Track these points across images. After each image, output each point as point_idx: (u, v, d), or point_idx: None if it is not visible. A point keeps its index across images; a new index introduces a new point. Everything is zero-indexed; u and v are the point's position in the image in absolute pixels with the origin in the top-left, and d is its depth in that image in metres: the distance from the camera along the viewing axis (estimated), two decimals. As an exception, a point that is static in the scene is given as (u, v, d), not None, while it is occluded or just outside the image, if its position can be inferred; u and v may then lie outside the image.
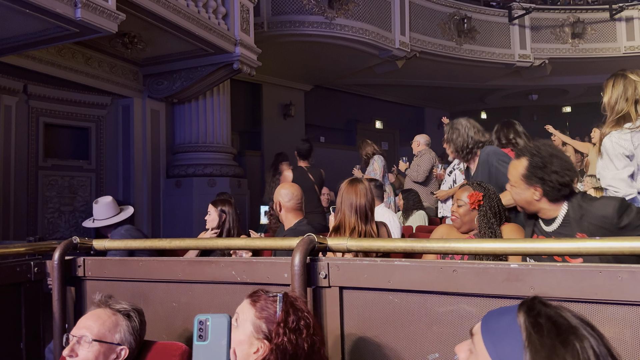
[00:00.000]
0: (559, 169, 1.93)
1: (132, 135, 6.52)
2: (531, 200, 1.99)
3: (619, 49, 10.42)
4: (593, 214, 1.89)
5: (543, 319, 0.83)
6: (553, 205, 1.98)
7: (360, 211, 2.50)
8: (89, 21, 4.12)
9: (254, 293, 1.35)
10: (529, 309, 0.86)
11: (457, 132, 3.08)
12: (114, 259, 2.09)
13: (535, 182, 1.96)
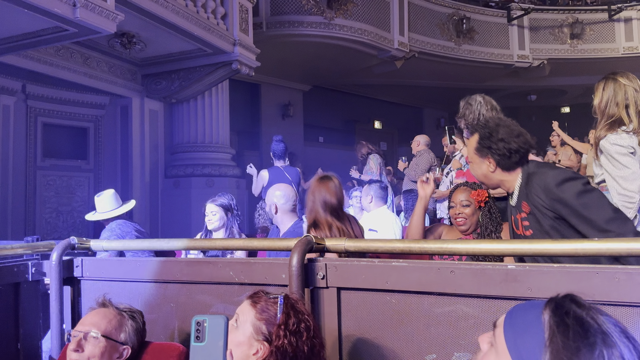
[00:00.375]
0: (505, 136, 1.96)
1: (130, 135, 6.51)
2: (487, 172, 2.02)
3: (618, 49, 10.43)
4: (535, 181, 1.91)
5: (570, 319, 0.79)
6: (509, 174, 1.99)
7: (332, 208, 2.51)
8: (88, 21, 4.11)
9: (254, 294, 1.34)
10: (556, 307, 0.82)
11: (470, 107, 3.12)
12: (112, 259, 2.08)
13: (486, 153, 2.00)
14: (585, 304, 0.83)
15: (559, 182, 1.86)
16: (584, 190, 1.85)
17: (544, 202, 1.89)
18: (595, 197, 1.87)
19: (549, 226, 1.91)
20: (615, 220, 1.79)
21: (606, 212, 1.81)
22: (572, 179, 1.89)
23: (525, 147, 1.98)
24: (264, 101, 9.71)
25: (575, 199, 1.84)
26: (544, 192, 1.88)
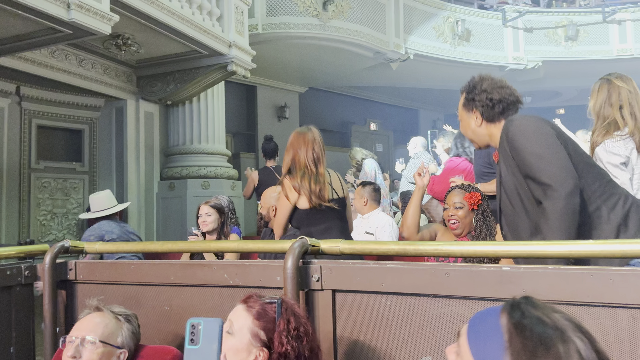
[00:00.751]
0: (487, 87, 1.98)
1: (125, 137, 6.49)
2: (475, 128, 2.03)
3: (612, 51, 10.49)
4: (505, 127, 1.91)
5: (527, 319, 0.80)
6: (495, 127, 1.99)
7: (309, 157, 2.61)
8: (82, 23, 4.09)
9: (248, 298, 1.33)
10: (512, 309, 0.83)
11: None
12: (105, 262, 2.07)
13: (471, 105, 2.03)
14: (540, 303, 0.85)
15: (523, 123, 1.84)
16: (542, 132, 1.79)
17: (505, 147, 1.86)
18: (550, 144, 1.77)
19: (512, 185, 1.87)
20: (557, 176, 1.71)
21: (551, 166, 1.74)
22: (540, 121, 1.85)
23: (510, 99, 1.99)
24: (260, 103, 9.70)
25: (524, 137, 1.79)
26: (505, 134, 1.87)
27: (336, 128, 11.58)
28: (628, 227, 1.75)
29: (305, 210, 2.63)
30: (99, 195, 3.42)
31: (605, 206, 1.77)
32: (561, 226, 1.68)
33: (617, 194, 1.81)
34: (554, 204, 1.69)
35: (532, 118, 1.88)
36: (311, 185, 2.59)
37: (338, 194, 2.68)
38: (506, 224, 1.97)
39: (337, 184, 2.71)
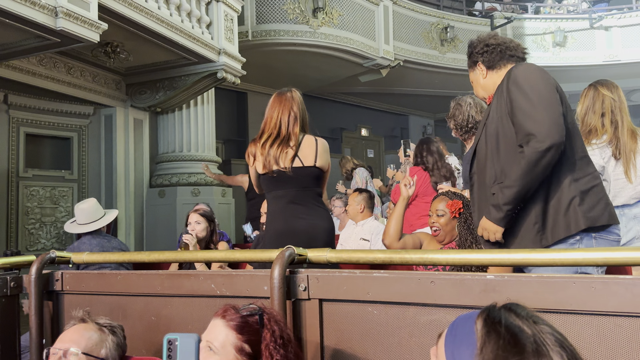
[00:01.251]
0: (484, 39, 2.04)
1: (114, 144, 6.46)
2: (482, 81, 2.07)
3: (599, 57, 10.61)
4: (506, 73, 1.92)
5: (502, 327, 0.78)
6: (497, 75, 2.01)
7: (284, 119, 2.45)
8: (70, 31, 4.08)
9: (224, 312, 1.30)
10: (488, 315, 0.81)
11: (460, 108, 3.18)
12: (92, 272, 2.06)
13: (474, 59, 2.07)
14: (523, 312, 0.82)
15: (530, 68, 1.85)
16: (545, 81, 1.80)
17: (503, 89, 1.87)
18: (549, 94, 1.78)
19: (494, 130, 1.88)
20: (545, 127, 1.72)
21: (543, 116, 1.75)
22: (545, 72, 1.86)
23: (507, 45, 2.02)
24: (251, 109, 9.70)
25: (527, 80, 1.80)
26: (508, 75, 1.87)
27: (327, 134, 11.60)
28: (583, 202, 1.78)
29: (261, 175, 2.49)
30: (84, 206, 3.28)
31: (571, 175, 1.80)
32: (528, 175, 1.74)
33: (587, 171, 1.85)
34: (534, 152, 1.73)
35: (538, 67, 1.88)
36: (269, 149, 2.42)
37: (303, 162, 2.43)
38: (476, 167, 2.00)
39: (307, 150, 2.45)
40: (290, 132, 2.44)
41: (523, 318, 0.80)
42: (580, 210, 1.76)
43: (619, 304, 1.16)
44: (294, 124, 2.46)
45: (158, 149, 6.87)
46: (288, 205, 2.45)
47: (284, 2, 7.63)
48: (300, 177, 2.44)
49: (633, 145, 2.53)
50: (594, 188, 1.83)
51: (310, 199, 2.47)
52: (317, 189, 2.52)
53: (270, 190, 2.51)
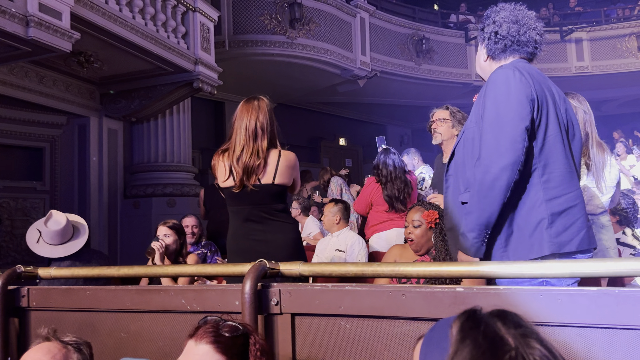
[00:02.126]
0: (498, 19, 1.84)
1: (88, 155, 6.34)
2: (483, 63, 1.93)
3: (570, 69, 10.89)
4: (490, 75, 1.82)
5: (480, 335, 0.72)
6: (496, 63, 1.88)
7: (250, 129, 2.33)
8: (42, 40, 4.01)
9: (208, 334, 1.23)
10: (467, 320, 0.76)
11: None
12: (59, 288, 2.01)
13: (482, 37, 1.91)
14: (513, 321, 0.76)
15: (505, 75, 1.72)
16: (512, 94, 1.66)
17: (483, 92, 1.77)
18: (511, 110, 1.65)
19: (471, 134, 1.80)
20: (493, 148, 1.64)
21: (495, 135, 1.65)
22: (523, 82, 1.69)
23: (519, 37, 1.83)
24: (228, 119, 9.64)
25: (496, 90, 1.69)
26: (488, 79, 1.76)
27: (305, 144, 11.62)
28: (552, 225, 1.66)
29: (224, 189, 2.40)
30: (57, 225, 2.97)
31: (543, 194, 1.68)
32: (485, 199, 1.64)
33: (566, 190, 1.71)
34: (482, 175, 1.66)
35: (515, 74, 1.72)
36: (243, 162, 2.30)
37: (260, 180, 2.32)
38: (452, 170, 1.92)
39: (268, 167, 2.33)
40: (259, 145, 2.34)
41: (510, 328, 0.74)
42: (546, 234, 1.66)
43: (584, 315, 1.18)
44: (262, 136, 2.35)
45: (133, 159, 6.78)
46: (244, 223, 2.37)
47: (262, 13, 7.65)
48: (257, 195, 2.33)
49: (602, 158, 2.60)
50: (571, 209, 1.70)
51: (266, 214, 2.36)
52: (277, 205, 2.39)
53: (229, 205, 2.43)
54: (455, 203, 1.89)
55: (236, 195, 2.35)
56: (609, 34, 10.80)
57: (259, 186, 2.32)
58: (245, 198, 2.34)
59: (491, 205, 1.65)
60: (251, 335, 1.29)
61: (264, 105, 2.42)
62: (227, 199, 2.42)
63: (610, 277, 2.45)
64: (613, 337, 1.17)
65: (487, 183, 1.65)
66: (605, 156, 2.65)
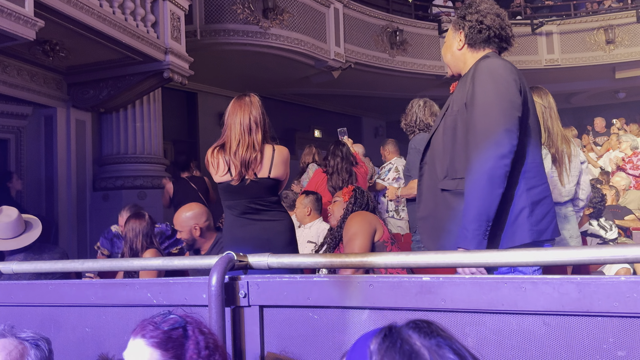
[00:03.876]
0: (482, 9, 1.86)
1: (55, 146, 6.17)
2: (455, 50, 1.93)
3: (541, 61, 11.06)
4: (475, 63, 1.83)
5: (395, 352, 0.73)
6: (472, 54, 1.89)
7: (244, 124, 2.42)
8: (3, 28, 3.86)
9: (142, 329, 1.19)
10: (384, 338, 0.76)
11: (410, 109, 3.29)
12: (21, 283, 1.95)
13: (460, 24, 1.91)
14: (428, 331, 0.76)
15: (496, 64, 1.75)
16: (506, 81, 1.70)
17: (467, 80, 1.77)
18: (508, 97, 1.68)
19: (453, 122, 1.80)
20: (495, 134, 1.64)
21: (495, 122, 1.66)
22: (512, 70, 1.75)
23: (499, 32, 1.86)
24: (201, 110, 9.53)
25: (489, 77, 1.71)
26: (475, 67, 1.77)
27: (280, 135, 11.44)
28: (532, 214, 1.72)
29: (220, 184, 2.48)
30: (6, 218, 2.93)
31: (524, 183, 1.73)
32: (483, 190, 1.64)
33: (541, 180, 1.78)
34: (480, 165, 1.64)
35: (507, 65, 1.78)
36: (240, 157, 2.38)
37: (256, 174, 2.41)
38: (428, 157, 1.92)
39: (264, 161, 2.43)
40: (254, 139, 2.41)
41: (425, 339, 0.74)
42: (528, 222, 1.70)
43: (547, 303, 1.19)
44: (256, 130, 2.43)
45: (102, 150, 6.63)
46: (240, 216, 2.45)
47: (234, 2, 7.54)
48: (253, 189, 2.42)
49: (568, 150, 2.65)
50: (546, 199, 1.76)
51: (262, 207, 2.46)
52: (272, 197, 2.51)
53: (225, 199, 2.51)
54: (431, 190, 1.89)
55: (233, 189, 2.43)
56: (578, 27, 11.00)
57: (256, 179, 2.41)
58: (242, 192, 2.42)
59: (491, 194, 1.64)
60: (190, 328, 1.23)
61: (256, 101, 2.49)
62: (222, 193, 2.49)
63: (575, 265, 2.50)
64: (576, 324, 1.19)
65: (485, 172, 1.63)
66: (571, 148, 2.71)
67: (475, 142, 1.68)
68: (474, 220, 1.65)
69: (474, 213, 1.65)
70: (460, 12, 1.94)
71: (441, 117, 1.92)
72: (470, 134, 1.72)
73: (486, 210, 1.65)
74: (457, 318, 1.29)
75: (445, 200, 1.81)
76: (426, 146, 1.95)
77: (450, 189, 1.80)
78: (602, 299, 1.15)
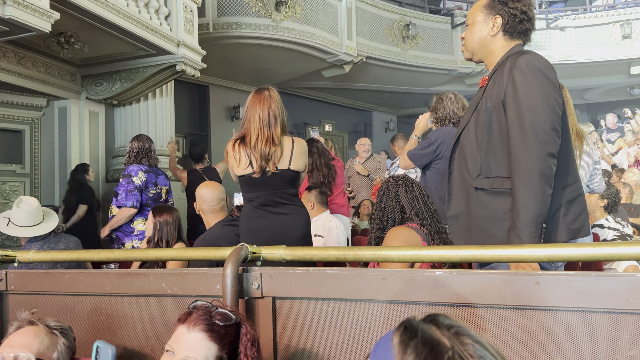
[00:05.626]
0: None
1: (69, 138, 6.23)
2: (486, 36, 1.84)
3: (554, 56, 10.94)
4: (509, 62, 1.76)
5: (419, 341, 0.75)
6: (505, 44, 1.83)
7: (263, 118, 2.47)
8: (20, 20, 3.90)
9: (200, 321, 1.23)
10: (404, 330, 0.78)
11: (442, 102, 3.26)
12: (38, 271, 1.98)
13: (498, 9, 1.81)
14: (445, 323, 0.79)
15: (540, 62, 1.70)
16: (551, 81, 1.66)
17: (504, 76, 1.72)
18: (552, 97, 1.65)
19: (487, 119, 1.74)
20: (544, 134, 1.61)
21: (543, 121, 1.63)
22: (553, 69, 1.69)
23: (530, 25, 1.82)
24: (212, 103, 9.56)
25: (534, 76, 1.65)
26: (514, 63, 1.71)
27: (290, 129, 11.48)
28: (568, 213, 1.70)
29: (240, 177, 2.51)
30: (27, 207, 3.03)
31: (560, 181, 1.69)
32: (539, 187, 1.60)
33: (574, 178, 1.76)
34: (533, 161, 1.61)
35: (548, 63, 1.73)
36: (260, 150, 2.43)
37: (277, 166, 2.46)
38: (458, 154, 1.87)
39: (284, 153, 2.49)
40: (273, 132, 2.45)
41: (443, 329, 0.77)
42: (564, 222, 1.68)
43: (562, 298, 1.20)
44: (275, 123, 2.47)
45: (115, 142, 6.68)
46: (259, 207, 2.49)
47: (246, -5, 7.54)
48: (274, 180, 2.47)
49: (580, 146, 2.63)
50: (579, 197, 1.74)
51: (281, 199, 2.50)
52: (291, 190, 2.55)
53: (245, 192, 2.54)
54: (463, 188, 1.84)
55: (254, 182, 2.46)
56: (593, 22, 10.86)
57: (276, 171, 2.45)
58: (263, 184, 2.46)
59: (544, 194, 1.61)
60: (243, 325, 1.30)
61: (274, 95, 2.53)
62: (243, 186, 2.53)
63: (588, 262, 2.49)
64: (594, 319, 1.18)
65: (538, 172, 1.60)
66: (583, 144, 2.69)
67: (523, 141, 1.64)
68: (531, 223, 1.60)
69: (531, 215, 1.60)
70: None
71: (471, 112, 1.86)
72: (513, 132, 1.67)
73: (541, 212, 1.61)
74: (470, 312, 1.30)
75: (479, 199, 1.76)
76: (455, 142, 1.90)
77: (485, 188, 1.75)
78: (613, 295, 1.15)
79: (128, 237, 4.35)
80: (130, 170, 4.35)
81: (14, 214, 3.05)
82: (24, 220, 3.03)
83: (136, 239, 4.35)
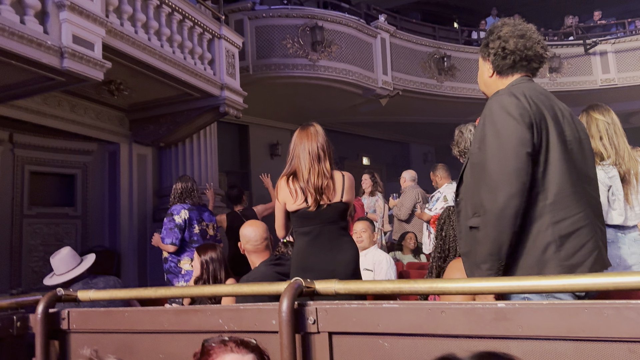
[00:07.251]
0: (504, 34, 1.81)
1: (118, 180, 6.49)
2: (486, 78, 1.90)
3: (596, 81, 10.74)
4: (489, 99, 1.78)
5: None
6: (503, 82, 1.84)
7: (313, 153, 2.52)
8: (75, 70, 4.15)
9: (246, 347, 1.26)
10: None
11: (462, 135, 3.25)
12: (99, 310, 2.05)
13: (486, 52, 1.87)
14: None
15: (503, 103, 1.69)
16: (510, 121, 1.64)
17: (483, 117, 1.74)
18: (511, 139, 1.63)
19: (477, 159, 1.75)
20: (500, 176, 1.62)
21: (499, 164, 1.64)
22: (519, 107, 1.66)
23: (526, 52, 1.80)
24: (252, 141, 9.80)
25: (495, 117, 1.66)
26: (488, 104, 1.73)
27: (332, 162, 11.64)
28: (562, 248, 1.63)
29: (293, 212, 2.56)
30: (59, 255, 3.19)
31: (550, 217, 1.65)
32: (494, 230, 1.63)
33: (574, 211, 1.67)
34: (490, 205, 1.64)
35: (511, 100, 1.69)
36: (314, 184, 2.48)
37: (330, 199, 2.52)
38: (463, 194, 1.89)
39: (336, 186, 2.55)
40: (323, 166, 2.52)
41: None
42: (556, 258, 1.63)
43: (632, 329, 1.15)
44: (324, 158, 2.54)
45: (162, 182, 6.90)
46: (313, 241, 2.52)
47: (283, 37, 7.79)
48: (327, 213, 2.52)
49: (635, 169, 2.56)
50: (580, 230, 1.66)
51: (334, 232, 2.54)
52: (342, 223, 2.59)
53: (298, 226, 2.58)
54: (466, 227, 1.86)
55: (310, 215, 2.52)
56: (633, 46, 10.65)
57: (330, 204, 2.51)
58: (317, 217, 2.52)
59: (501, 234, 1.63)
60: (264, 355, 1.31)
61: (320, 130, 2.61)
62: (297, 220, 2.57)
63: None
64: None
65: (495, 212, 1.63)
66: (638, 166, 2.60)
67: (486, 182, 1.68)
68: (486, 261, 1.67)
69: (485, 253, 1.67)
70: (484, 40, 1.90)
71: (469, 153, 1.90)
72: (480, 174, 1.72)
73: (497, 251, 1.65)
74: (534, 346, 1.26)
75: (474, 237, 1.77)
76: (459, 182, 1.93)
77: (477, 226, 1.76)
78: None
79: (176, 279, 4.44)
80: (173, 209, 4.49)
81: (53, 264, 3.23)
82: (60, 268, 3.18)
83: (182, 279, 4.43)
